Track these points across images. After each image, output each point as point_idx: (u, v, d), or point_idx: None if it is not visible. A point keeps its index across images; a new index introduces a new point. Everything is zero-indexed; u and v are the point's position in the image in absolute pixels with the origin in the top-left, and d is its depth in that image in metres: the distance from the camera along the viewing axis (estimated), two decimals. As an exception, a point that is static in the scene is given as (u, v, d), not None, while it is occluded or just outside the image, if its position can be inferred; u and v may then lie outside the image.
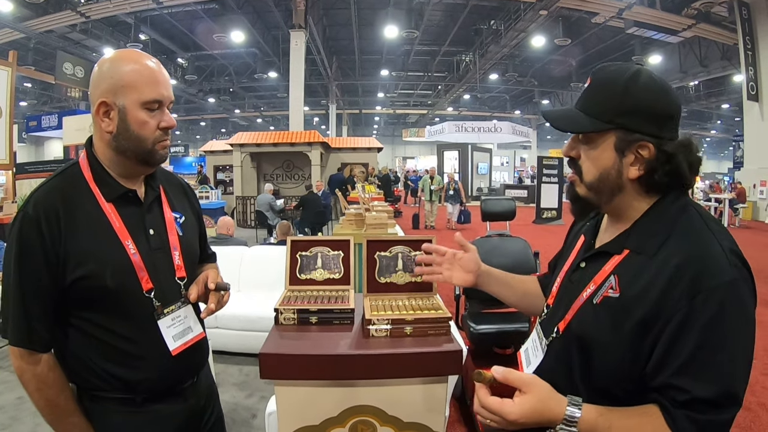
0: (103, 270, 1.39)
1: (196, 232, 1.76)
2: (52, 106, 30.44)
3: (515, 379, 1.07)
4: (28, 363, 1.37)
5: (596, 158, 1.15)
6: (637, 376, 1.07)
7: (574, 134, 1.20)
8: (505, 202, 4.16)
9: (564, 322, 1.23)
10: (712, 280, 0.99)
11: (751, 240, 13.92)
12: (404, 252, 2.05)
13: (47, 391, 1.39)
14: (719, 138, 48.47)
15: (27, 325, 1.36)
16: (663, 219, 1.13)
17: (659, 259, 1.07)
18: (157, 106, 1.43)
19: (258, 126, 46.37)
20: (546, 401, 1.04)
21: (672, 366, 1.00)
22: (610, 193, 1.17)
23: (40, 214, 1.35)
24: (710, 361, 0.98)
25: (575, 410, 1.02)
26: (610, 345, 1.10)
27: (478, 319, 3.62)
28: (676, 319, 1.00)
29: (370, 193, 9.82)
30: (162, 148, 1.48)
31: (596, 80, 1.16)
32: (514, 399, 1.04)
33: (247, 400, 4.25)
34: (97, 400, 1.46)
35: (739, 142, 23.92)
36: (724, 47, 22.31)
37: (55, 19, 18.79)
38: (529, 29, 21.05)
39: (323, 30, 24.91)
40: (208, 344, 1.77)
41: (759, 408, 4.00)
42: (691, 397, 0.98)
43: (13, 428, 3.71)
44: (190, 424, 1.64)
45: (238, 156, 17.16)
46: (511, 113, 40.49)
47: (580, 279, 1.24)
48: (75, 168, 1.48)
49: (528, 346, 1.41)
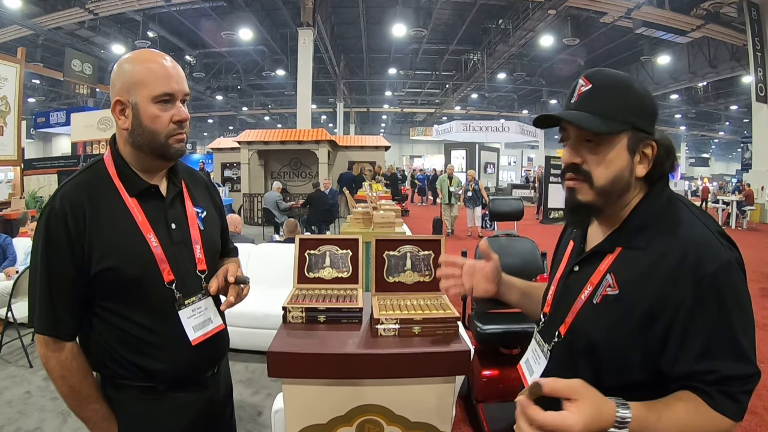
0: (125, 262, 1.44)
1: (218, 227, 1.80)
2: (60, 103, 30.48)
3: (563, 387, 0.97)
4: (53, 350, 1.43)
5: (611, 161, 1.14)
6: (650, 367, 1.09)
7: (576, 139, 1.18)
8: (513, 202, 4.15)
9: (564, 326, 1.24)
10: (712, 264, 1.04)
11: (759, 242, 13.85)
12: (413, 251, 2.05)
13: (70, 378, 1.44)
14: (727, 139, 48.15)
15: (52, 314, 1.42)
16: (652, 213, 1.16)
17: (654, 252, 1.10)
18: (168, 100, 1.47)
19: (265, 123, 46.30)
20: (599, 404, 0.97)
21: (693, 352, 1.03)
22: (618, 195, 1.17)
23: (66, 208, 1.41)
24: (727, 340, 1.03)
25: (626, 412, 0.97)
26: (614, 342, 1.11)
27: (485, 319, 3.61)
28: (685, 306, 1.04)
29: (378, 191, 9.81)
30: (176, 141, 1.51)
31: (599, 83, 1.15)
32: (569, 409, 0.94)
33: (253, 398, 4.25)
34: (120, 388, 1.51)
35: (748, 143, 23.76)
36: (733, 48, 22.14)
37: (64, 16, 18.82)
38: (538, 29, 20.98)
39: (331, 28, 24.88)
40: (228, 336, 1.81)
41: (765, 412, 3.97)
42: (720, 376, 1.03)
43: (20, 422, 3.74)
44: (211, 412, 1.68)
45: (246, 153, 17.16)
46: (518, 113, 40.32)
47: (576, 282, 1.25)
48: (100, 164, 1.53)
49: (528, 357, 1.40)
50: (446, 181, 13.97)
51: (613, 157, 1.14)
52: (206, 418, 1.65)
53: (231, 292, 1.60)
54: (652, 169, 1.16)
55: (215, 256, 1.74)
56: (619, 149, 1.13)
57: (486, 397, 3.54)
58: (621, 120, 1.11)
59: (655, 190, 1.19)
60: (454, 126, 31.65)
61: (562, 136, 1.21)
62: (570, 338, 1.22)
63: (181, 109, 1.50)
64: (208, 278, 1.62)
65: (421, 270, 2.04)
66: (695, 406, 1.04)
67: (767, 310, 7.04)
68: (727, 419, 1.03)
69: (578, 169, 1.17)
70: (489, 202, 12.56)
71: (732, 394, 1.03)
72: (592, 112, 1.12)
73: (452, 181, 13.92)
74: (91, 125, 14.79)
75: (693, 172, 50.39)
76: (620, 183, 1.15)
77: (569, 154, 1.18)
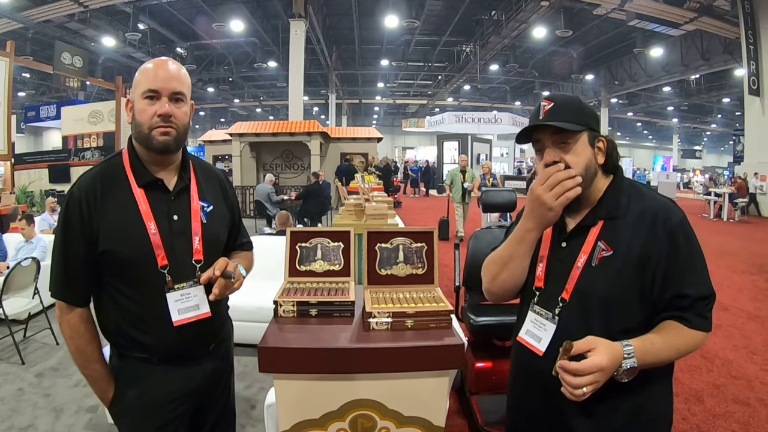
0: (124, 244, 1.62)
1: (226, 222, 1.93)
2: (51, 97, 30.30)
3: (582, 343, 1.33)
4: (65, 313, 1.67)
5: (580, 153, 1.48)
6: (646, 303, 1.44)
7: (552, 144, 1.49)
8: (506, 194, 4.12)
9: (566, 292, 1.50)
10: (675, 219, 1.45)
11: (752, 234, 13.92)
12: (405, 244, 2.03)
13: (78, 340, 1.67)
14: (719, 132, 48.36)
15: (65, 282, 1.66)
16: (621, 191, 1.53)
17: (632, 217, 1.47)
18: (153, 96, 1.63)
19: (257, 116, 46.20)
20: (610, 347, 1.33)
21: (675, 282, 1.41)
22: (591, 180, 1.50)
23: (82, 194, 1.63)
24: (694, 269, 1.44)
25: (629, 347, 1.34)
26: (619, 290, 1.43)
27: (478, 311, 3.60)
28: (665, 252, 1.42)
29: (370, 183, 9.78)
30: (159, 134, 1.64)
31: (559, 101, 1.49)
32: (594, 354, 1.31)
33: (246, 391, 4.24)
34: (123, 358, 1.72)
35: (740, 136, 23.87)
36: (726, 41, 22.22)
37: (54, 8, 18.70)
38: (531, 20, 20.92)
39: (323, 19, 24.80)
40: (222, 324, 1.91)
41: (758, 403, 3.99)
42: (692, 300, 1.41)
43: (13, 420, 3.70)
44: (206, 386, 1.82)
45: (238, 146, 17.14)
46: (511, 104, 40.36)
47: (568, 255, 1.53)
48: (117, 157, 1.74)
49: (528, 328, 1.60)
50: (458, 175, 11.56)
51: (581, 149, 1.48)
52: (200, 392, 1.80)
53: (216, 284, 1.67)
54: (606, 158, 1.54)
55: (216, 248, 1.84)
56: (583, 144, 1.49)
57: (479, 389, 3.54)
58: (580, 123, 1.47)
59: (618, 176, 1.56)
60: (446, 117, 31.60)
61: (537, 147, 1.54)
62: (577, 300, 1.48)
63: (164, 104, 1.63)
64: (204, 268, 1.72)
65: (414, 262, 2.03)
66: (675, 329, 1.41)
67: (760, 302, 7.07)
68: (700, 332, 1.42)
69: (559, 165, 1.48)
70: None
71: (701, 313, 1.42)
72: (560, 120, 1.46)
73: (466, 176, 11.51)
74: (82, 119, 14.73)
75: (685, 164, 50.63)
76: (591, 169, 1.49)
77: (550, 155, 1.49)
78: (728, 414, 3.83)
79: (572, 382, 1.29)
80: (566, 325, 1.48)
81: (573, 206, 1.49)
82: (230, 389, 2.00)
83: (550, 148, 1.49)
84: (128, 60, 25.38)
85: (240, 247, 2.04)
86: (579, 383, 1.29)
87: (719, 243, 11.87)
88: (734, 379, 4.48)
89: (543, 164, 1.50)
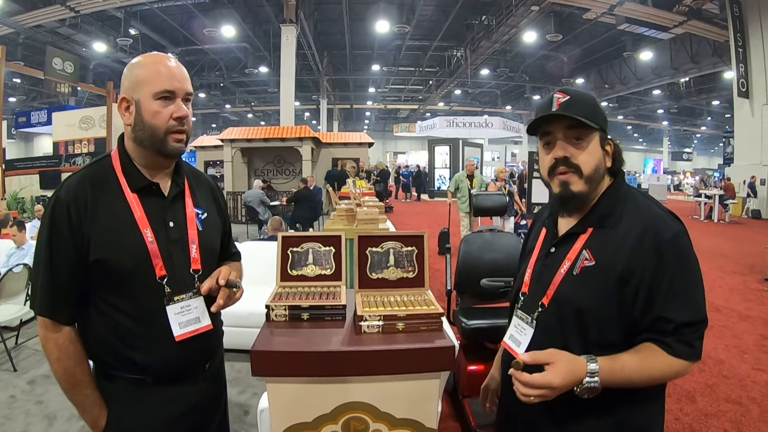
0: (119, 253, 1.49)
1: (219, 230, 1.83)
2: (42, 102, 30.11)
3: (542, 355, 1.30)
4: (51, 332, 1.49)
5: (592, 152, 1.42)
6: (625, 321, 1.35)
7: (564, 138, 1.43)
8: (496, 198, 4.16)
9: (546, 298, 1.46)
10: (668, 233, 1.33)
11: (742, 235, 14.00)
12: (396, 247, 2.05)
13: (66, 361, 1.50)
14: (709, 134, 48.62)
15: (52, 297, 1.49)
16: (615, 199, 1.45)
17: (621, 228, 1.38)
18: (168, 97, 1.53)
19: (249, 121, 46.02)
20: (571, 363, 1.28)
21: (658, 303, 1.31)
22: (597, 182, 1.44)
23: (70, 198, 1.48)
24: (683, 291, 1.32)
25: (594, 364, 1.27)
26: (596, 303, 1.36)
27: (470, 314, 3.61)
28: (649, 268, 1.31)
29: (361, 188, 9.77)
30: (175, 140, 1.57)
31: (574, 95, 1.42)
32: (548, 370, 1.27)
33: (239, 397, 4.24)
34: (111, 378, 1.57)
35: (730, 138, 24.02)
36: (715, 44, 22.40)
37: (45, 13, 18.64)
38: (521, 25, 21.05)
39: (314, 25, 24.81)
40: (219, 338, 1.82)
41: (750, 402, 4.02)
42: (676, 325, 1.30)
43: (6, 427, 3.69)
44: (202, 407, 1.70)
45: (229, 151, 17.10)
46: (502, 108, 40.45)
47: (554, 261, 1.49)
48: (107, 159, 1.61)
49: (511, 332, 1.59)
50: (465, 181, 10.15)
51: (593, 149, 1.42)
52: (196, 412, 1.67)
53: (221, 295, 1.60)
54: (612, 162, 1.47)
55: (212, 257, 1.75)
56: (595, 144, 1.42)
57: (472, 392, 3.55)
58: (595, 121, 1.40)
59: (616, 182, 1.49)
60: (437, 122, 31.61)
61: (546, 140, 1.47)
62: (555, 307, 1.44)
63: (181, 106, 1.55)
64: (202, 278, 1.63)
65: (404, 266, 2.04)
66: (653, 353, 1.31)
67: (751, 302, 7.14)
68: (681, 361, 1.31)
69: (569, 162, 1.42)
70: (523, 209, 10.73)
71: (687, 340, 1.31)
72: (576, 114, 1.38)
73: (473, 182, 10.13)
74: (73, 124, 14.64)
75: (675, 166, 50.88)
76: (599, 171, 1.43)
77: (560, 149, 1.43)
78: (720, 413, 3.86)
79: (521, 391, 1.29)
80: (544, 331, 1.46)
81: (576, 206, 1.46)
82: (225, 406, 1.90)
83: (562, 141, 1.42)
84: (119, 65, 25.25)
85: (230, 258, 1.95)
86: (527, 393, 1.28)
87: (711, 244, 11.98)
88: (726, 378, 4.52)
89: (552, 157, 1.44)
